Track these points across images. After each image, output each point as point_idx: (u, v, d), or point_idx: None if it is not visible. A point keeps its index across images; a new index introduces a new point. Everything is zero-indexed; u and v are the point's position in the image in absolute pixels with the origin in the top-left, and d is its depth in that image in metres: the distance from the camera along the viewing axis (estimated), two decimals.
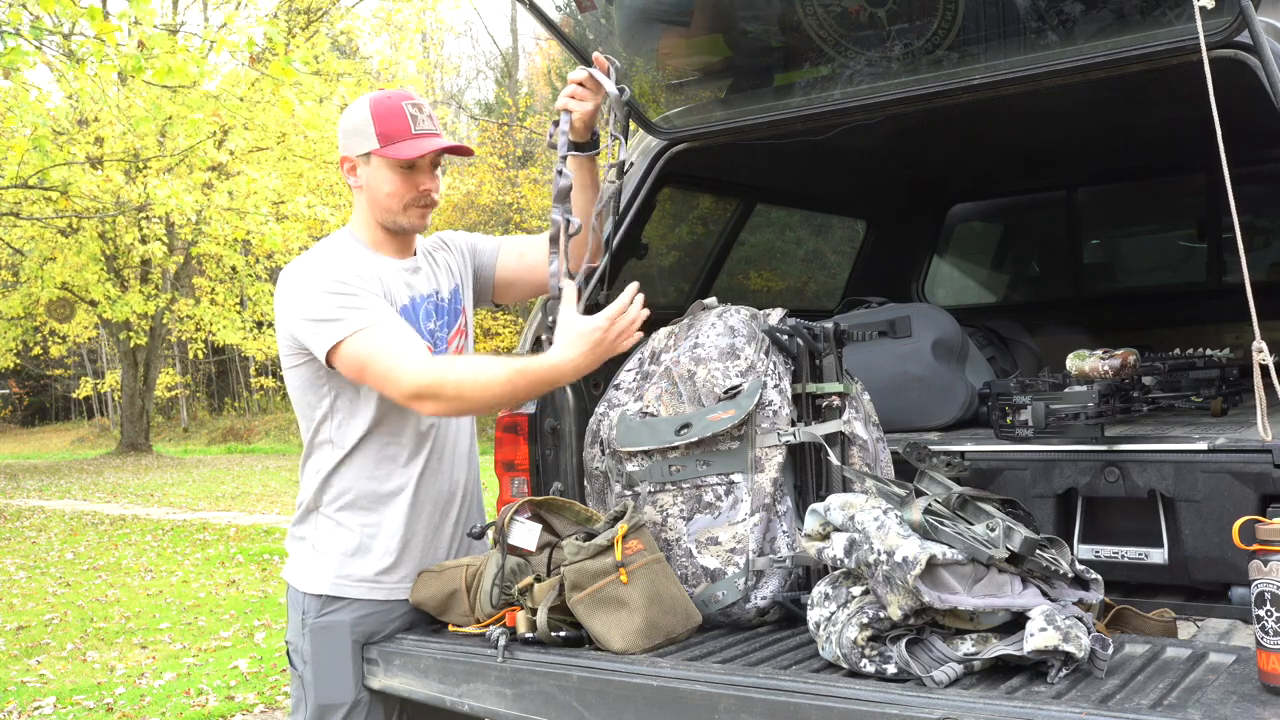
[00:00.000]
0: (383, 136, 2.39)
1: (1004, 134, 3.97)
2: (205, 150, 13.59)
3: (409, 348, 2.31)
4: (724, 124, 3.01)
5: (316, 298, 2.33)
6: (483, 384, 2.28)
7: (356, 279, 2.35)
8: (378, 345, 2.29)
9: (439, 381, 2.27)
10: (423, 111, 2.43)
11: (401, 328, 2.35)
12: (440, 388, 2.26)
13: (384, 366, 2.28)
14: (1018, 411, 2.69)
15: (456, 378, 2.28)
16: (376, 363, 2.29)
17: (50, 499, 16.22)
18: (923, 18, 2.62)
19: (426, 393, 2.27)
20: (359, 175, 2.45)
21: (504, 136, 26.60)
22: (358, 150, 2.43)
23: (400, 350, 2.29)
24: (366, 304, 2.32)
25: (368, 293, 2.35)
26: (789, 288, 5.11)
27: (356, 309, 2.31)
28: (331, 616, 2.41)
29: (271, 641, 6.49)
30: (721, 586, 2.32)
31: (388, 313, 2.34)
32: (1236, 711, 1.65)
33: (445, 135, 2.49)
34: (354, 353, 2.30)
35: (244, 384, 34.10)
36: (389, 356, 2.28)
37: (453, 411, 2.37)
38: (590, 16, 3.01)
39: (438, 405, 2.29)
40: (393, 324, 2.33)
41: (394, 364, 2.28)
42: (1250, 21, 2.14)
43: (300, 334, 2.36)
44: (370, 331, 2.29)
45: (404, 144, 2.39)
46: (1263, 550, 1.71)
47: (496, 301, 2.78)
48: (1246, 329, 2.04)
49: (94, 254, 20.95)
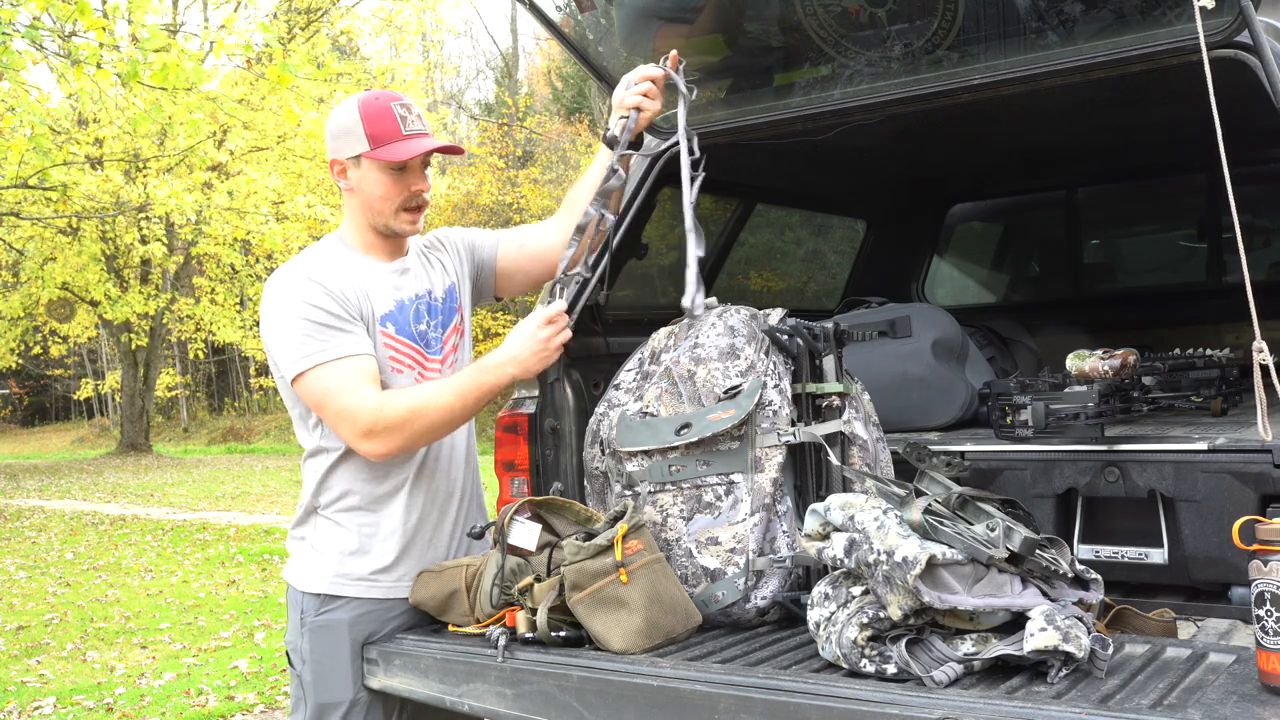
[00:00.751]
0: (373, 138, 2.37)
1: (1004, 134, 3.97)
2: (205, 150, 13.59)
3: (362, 388, 2.30)
4: (724, 124, 3.01)
5: (289, 321, 2.33)
6: (427, 403, 2.31)
7: (332, 303, 2.34)
8: (332, 384, 2.30)
9: (386, 417, 2.27)
10: (411, 112, 2.40)
11: (360, 366, 2.33)
12: (388, 422, 2.27)
13: (338, 406, 2.29)
14: (1018, 411, 2.69)
15: (397, 409, 2.29)
16: (332, 401, 2.30)
17: (50, 499, 16.22)
18: (923, 18, 2.62)
19: (377, 428, 2.27)
20: (349, 178, 2.43)
21: (504, 136, 26.59)
22: (347, 153, 2.41)
23: (354, 390, 2.29)
24: (330, 338, 2.31)
25: (340, 319, 2.33)
26: (789, 288, 5.11)
27: (321, 341, 2.30)
28: (330, 615, 2.41)
29: (271, 641, 6.49)
30: (721, 586, 2.32)
31: (351, 347, 2.33)
32: (1236, 711, 1.64)
33: (443, 135, 2.48)
34: (312, 388, 2.32)
35: (244, 384, 34.10)
36: (344, 396, 2.29)
37: (405, 444, 2.34)
38: (590, 16, 3.00)
39: (390, 442, 2.30)
40: (353, 362, 2.31)
41: (347, 403, 2.29)
42: (1250, 21, 2.14)
43: (271, 352, 2.39)
44: (329, 369, 2.30)
45: (395, 145, 2.37)
46: (1263, 550, 1.71)
47: (499, 295, 2.77)
48: (1246, 329, 2.04)
49: (94, 254, 20.97)
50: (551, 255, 2.68)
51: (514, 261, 2.71)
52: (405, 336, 2.45)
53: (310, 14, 18.90)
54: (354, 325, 2.35)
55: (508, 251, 2.71)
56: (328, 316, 2.32)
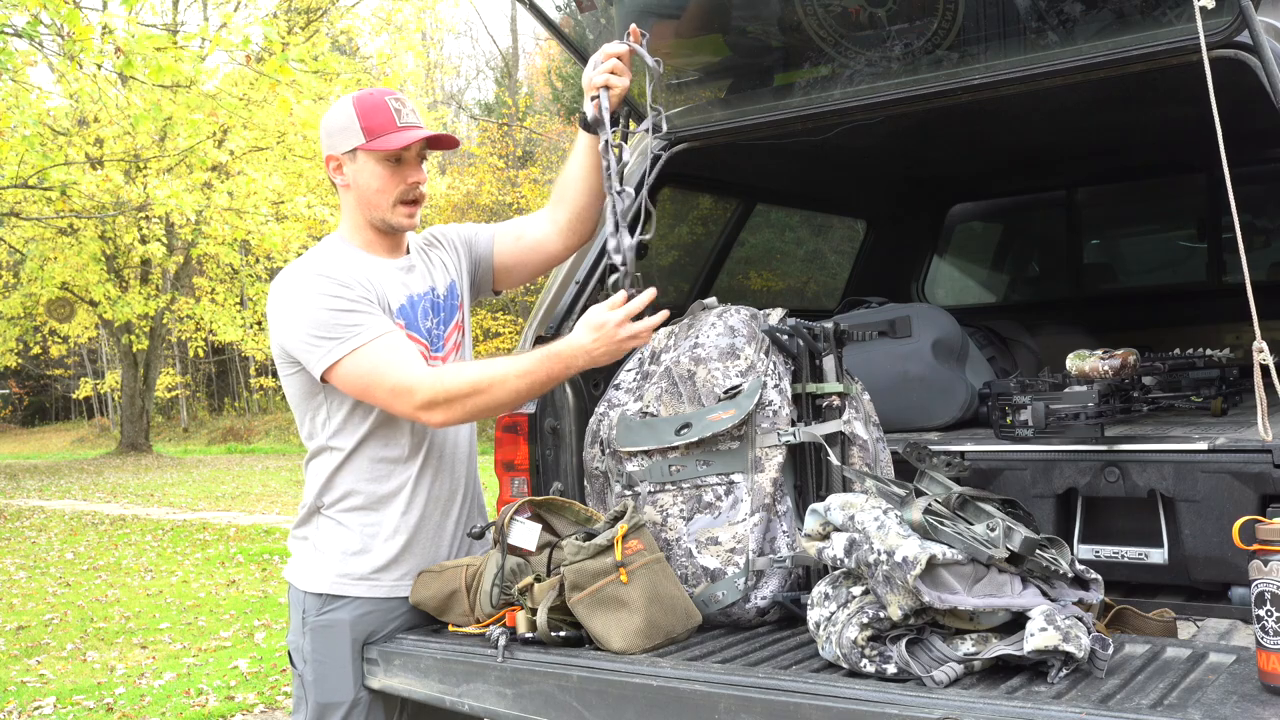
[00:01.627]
0: (368, 131, 2.37)
1: (1004, 134, 3.97)
2: (205, 150, 13.60)
3: (411, 360, 2.31)
4: (724, 124, 3.01)
5: (309, 314, 2.31)
6: (493, 380, 2.29)
7: (350, 290, 2.33)
8: (379, 362, 2.28)
9: (447, 388, 2.27)
10: (405, 106, 2.42)
11: (401, 340, 2.33)
12: (450, 393, 2.27)
13: (391, 382, 2.28)
14: (1018, 411, 2.69)
15: (461, 381, 2.29)
16: (382, 379, 2.28)
17: (50, 499, 16.22)
18: (923, 18, 2.63)
19: (439, 399, 2.27)
20: (346, 173, 2.43)
21: (504, 136, 26.59)
22: (343, 148, 2.41)
23: (404, 364, 2.29)
24: (361, 320, 2.30)
25: (363, 303, 2.33)
26: (789, 288, 5.11)
27: (352, 325, 2.29)
28: (331, 615, 2.41)
29: (271, 641, 6.49)
30: (721, 586, 2.32)
31: (384, 326, 2.33)
32: (1236, 711, 1.65)
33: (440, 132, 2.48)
34: (354, 372, 2.30)
35: (244, 384, 34.10)
36: (394, 371, 2.28)
37: (465, 416, 2.34)
38: (590, 16, 3.01)
39: (450, 412, 2.29)
40: (391, 338, 2.32)
41: (401, 377, 2.28)
42: (1250, 21, 2.14)
43: (294, 350, 2.35)
44: (369, 350, 2.28)
45: (390, 136, 2.37)
46: (1263, 550, 1.71)
47: (498, 289, 2.76)
48: (1246, 329, 2.04)
49: (94, 254, 20.96)
50: (549, 246, 2.67)
51: (512, 254, 2.69)
52: (414, 332, 2.45)
53: (310, 14, 18.88)
54: (376, 308, 2.35)
55: (504, 245, 2.69)
56: (349, 303, 2.31)
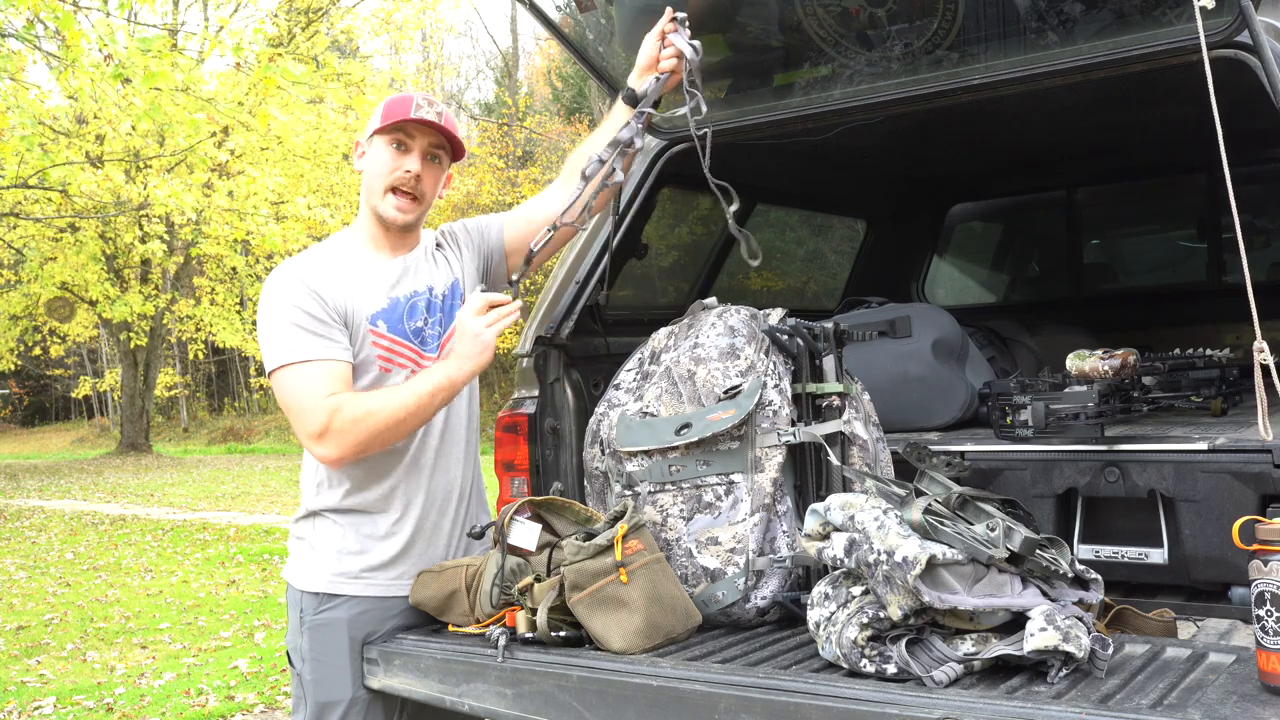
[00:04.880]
0: (385, 117, 2.46)
1: (1004, 134, 3.97)
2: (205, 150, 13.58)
3: (323, 392, 2.31)
4: (724, 124, 3.01)
5: (275, 316, 2.38)
6: (386, 408, 2.31)
7: (319, 306, 2.36)
8: (302, 385, 2.32)
9: (330, 418, 2.27)
10: (431, 105, 2.48)
11: (332, 372, 2.34)
12: (332, 423, 2.27)
13: (298, 406, 2.32)
14: (1018, 411, 2.69)
15: (350, 413, 2.29)
16: (295, 401, 2.33)
17: (50, 499, 16.22)
18: (923, 18, 2.63)
19: (328, 430, 2.28)
20: (363, 158, 2.52)
21: (504, 136, 26.59)
22: (365, 135, 2.52)
23: (315, 393, 2.30)
24: (308, 342, 2.33)
25: (323, 324, 2.35)
26: (789, 288, 5.11)
27: (300, 343, 2.33)
28: (329, 614, 2.42)
29: (271, 641, 6.49)
30: (721, 586, 2.32)
31: (328, 352, 2.34)
32: (1236, 711, 1.65)
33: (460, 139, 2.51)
34: (282, 386, 2.35)
35: (244, 384, 34.09)
36: (306, 399, 2.31)
37: (356, 450, 2.32)
38: (590, 16, 3.01)
39: (340, 446, 2.29)
40: (325, 367, 2.33)
41: (305, 405, 2.30)
42: (1250, 21, 2.14)
43: (260, 343, 2.44)
44: (301, 370, 2.32)
45: (399, 119, 2.45)
46: (1263, 550, 1.71)
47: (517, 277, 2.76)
48: (1246, 329, 2.04)
49: (94, 254, 20.94)
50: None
51: (524, 237, 2.66)
52: (397, 334, 2.45)
53: (310, 14, 18.88)
54: (334, 330, 2.37)
55: (514, 230, 2.69)
56: (308, 319, 2.35)
